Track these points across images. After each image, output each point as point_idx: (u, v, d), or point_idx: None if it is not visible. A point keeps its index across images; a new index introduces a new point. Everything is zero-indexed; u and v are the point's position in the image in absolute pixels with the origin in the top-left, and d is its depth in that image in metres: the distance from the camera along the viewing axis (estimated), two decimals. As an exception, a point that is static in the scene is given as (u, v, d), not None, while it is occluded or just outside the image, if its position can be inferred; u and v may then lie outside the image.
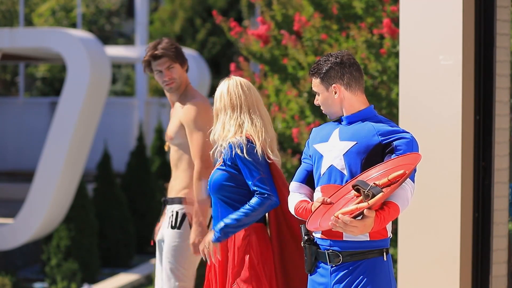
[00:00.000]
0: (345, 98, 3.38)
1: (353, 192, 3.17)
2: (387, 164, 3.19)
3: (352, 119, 3.38)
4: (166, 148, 4.65)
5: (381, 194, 3.06)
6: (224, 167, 3.82)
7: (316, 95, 3.45)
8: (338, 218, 3.09)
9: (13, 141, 18.20)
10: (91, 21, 22.90)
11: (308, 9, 7.49)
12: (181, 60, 4.50)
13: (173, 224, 4.44)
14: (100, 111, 11.77)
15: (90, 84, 11.16)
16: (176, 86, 4.49)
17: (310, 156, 3.47)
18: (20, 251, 12.88)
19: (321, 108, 3.46)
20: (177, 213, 4.45)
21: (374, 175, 3.18)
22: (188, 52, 17.29)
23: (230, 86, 3.88)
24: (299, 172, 3.50)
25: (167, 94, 4.57)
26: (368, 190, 3.07)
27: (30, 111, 18.43)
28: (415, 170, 3.26)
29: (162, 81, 4.47)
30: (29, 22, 20.93)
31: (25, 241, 11.49)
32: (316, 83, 3.42)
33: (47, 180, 11.17)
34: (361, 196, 3.11)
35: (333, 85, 3.37)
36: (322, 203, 3.22)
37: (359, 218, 3.09)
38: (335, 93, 3.38)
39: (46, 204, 11.13)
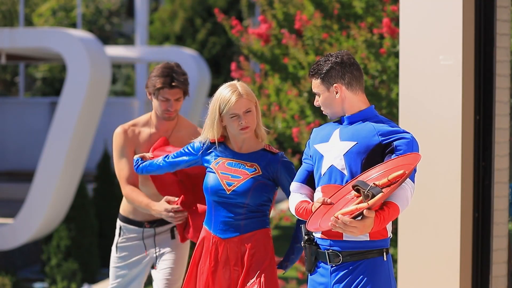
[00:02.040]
0: (346, 98, 3.37)
1: (353, 193, 3.17)
2: (387, 164, 3.18)
3: (353, 119, 3.37)
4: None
5: (380, 194, 3.06)
6: (263, 179, 3.73)
7: (316, 96, 3.43)
8: (338, 219, 3.09)
9: (13, 141, 18.21)
10: (91, 21, 22.91)
11: (309, 8, 7.49)
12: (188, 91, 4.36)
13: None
14: (100, 111, 11.78)
15: (90, 84, 11.17)
16: (175, 116, 4.33)
17: (310, 156, 3.46)
18: (20, 251, 12.88)
19: (321, 109, 3.45)
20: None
21: (374, 175, 3.18)
22: (188, 52, 17.29)
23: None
24: (300, 173, 3.49)
25: (155, 120, 4.32)
26: (368, 190, 3.07)
27: (30, 111, 18.44)
28: (415, 170, 3.26)
29: (166, 110, 4.23)
30: (29, 22, 20.94)
31: (25, 241, 11.49)
32: (316, 84, 3.40)
33: (47, 180, 11.18)
34: (361, 197, 3.11)
35: (334, 85, 3.35)
36: (322, 204, 3.21)
37: (359, 218, 3.09)
38: (336, 93, 3.36)
39: (46, 204, 11.14)
